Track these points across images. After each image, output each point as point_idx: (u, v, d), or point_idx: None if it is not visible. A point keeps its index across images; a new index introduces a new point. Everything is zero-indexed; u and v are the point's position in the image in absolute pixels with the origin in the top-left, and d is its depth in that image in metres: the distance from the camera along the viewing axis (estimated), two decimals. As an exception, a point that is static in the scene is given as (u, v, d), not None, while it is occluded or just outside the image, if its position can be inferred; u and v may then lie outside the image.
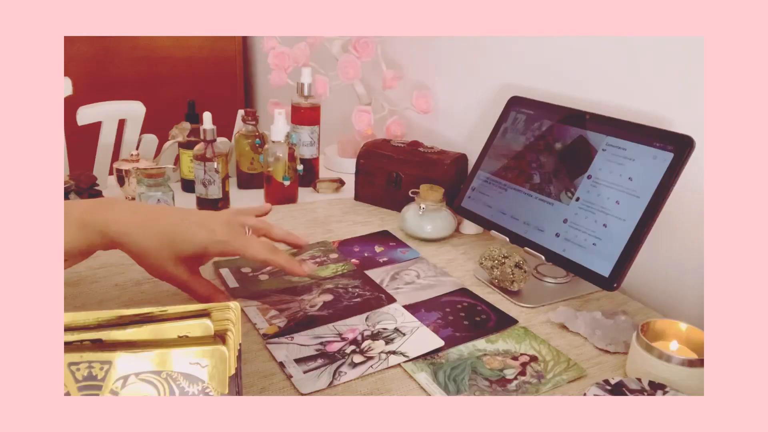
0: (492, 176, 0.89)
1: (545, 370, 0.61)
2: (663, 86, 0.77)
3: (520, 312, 0.72)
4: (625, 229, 0.69)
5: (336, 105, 1.34)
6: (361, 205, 1.06)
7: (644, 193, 0.69)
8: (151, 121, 1.17)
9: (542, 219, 0.79)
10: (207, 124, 0.95)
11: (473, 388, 0.58)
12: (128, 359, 0.38)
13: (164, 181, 0.89)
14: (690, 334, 0.60)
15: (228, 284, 0.75)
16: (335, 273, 0.79)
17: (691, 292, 0.77)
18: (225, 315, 0.42)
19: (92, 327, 0.39)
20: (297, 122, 1.11)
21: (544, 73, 0.95)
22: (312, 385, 0.57)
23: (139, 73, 1.87)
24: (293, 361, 0.60)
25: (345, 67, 1.16)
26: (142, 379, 0.38)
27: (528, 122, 0.87)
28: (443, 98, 1.18)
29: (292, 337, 0.64)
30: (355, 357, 0.61)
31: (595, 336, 0.66)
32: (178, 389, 0.39)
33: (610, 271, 0.69)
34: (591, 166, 0.76)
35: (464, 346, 0.64)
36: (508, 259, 0.75)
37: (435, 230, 0.90)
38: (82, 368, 0.37)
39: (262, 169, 1.04)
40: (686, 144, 0.68)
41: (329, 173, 1.23)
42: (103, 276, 0.74)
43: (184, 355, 0.39)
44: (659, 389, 0.53)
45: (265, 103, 1.57)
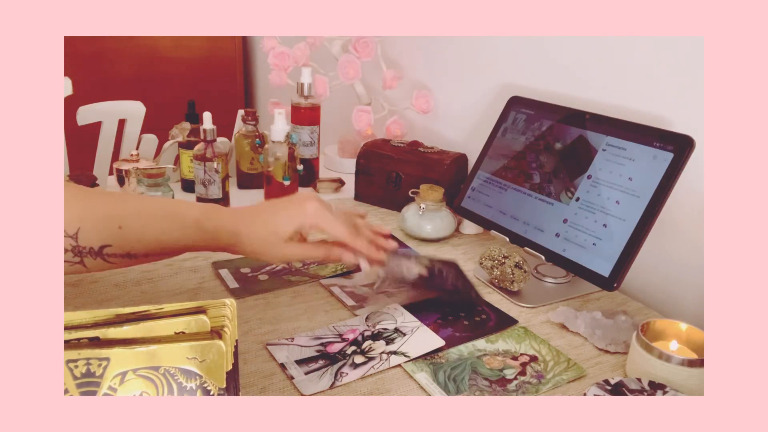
0: (492, 176, 0.89)
1: (545, 370, 0.61)
2: (663, 86, 0.77)
3: (520, 312, 0.72)
4: (625, 229, 0.69)
5: (336, 105, 1.34)
6: (361, 205, 1.06)
7: (644, 193, 0.69)
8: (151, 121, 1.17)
9: (542, 219, 0.79)
10: (207, 124, 0.95)
11: (473, 388, 0.58)
12: (126, 355, 0.38)
13: (164, 181, 0.89)
14: (690, 334, 0.60)
15: (228, 284, 0.75)
16: (335, 272, 0.79)
17: (691, 292, 0.77)
18: (221, 312, 0.42)
19: (89, 325, 0.39)
20: (297, 122, 1.11)
21: (544, 73, 0.95)
22: (314, 387, 0.56)
23: (139, 73, 1.87)
24: (294, 362, 0.60)
25: (345, 67, 1.16)
26: (140, 375, 0.39)
27: (528, 122, 0.87)
28: (443, 98, 1.18)
29: (292, 339, 0.64)
30: (356, 358, 0.61)
31: (595, 336, 0.66)
32: (176, 384, 0.39)
33: (610, 271, 0.69)
34: (591, 166, 0.76)
35: (464, 346, 0.64)
36: (508, 259, 0.75)
37: (435, 230, 0.90)
38: (80, 365, 0.37)
39: (262, 169, 1.04)
40: (686, 144, 0.68)
41: (329, 173, 1.23)
42: (103, 276, 0.75)
43: (181, 350, 0.39)
44: (659, 389, 0.53)
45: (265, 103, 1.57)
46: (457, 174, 1.00)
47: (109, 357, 0.38)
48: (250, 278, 0.77)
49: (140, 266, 0.77)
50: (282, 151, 0.99)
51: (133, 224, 0.59)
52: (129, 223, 0.59)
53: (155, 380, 0.39)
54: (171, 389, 0.39)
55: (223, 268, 0.79)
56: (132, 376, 0.38)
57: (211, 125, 0.95)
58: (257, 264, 0.80)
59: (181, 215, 0.62)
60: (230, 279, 0.76)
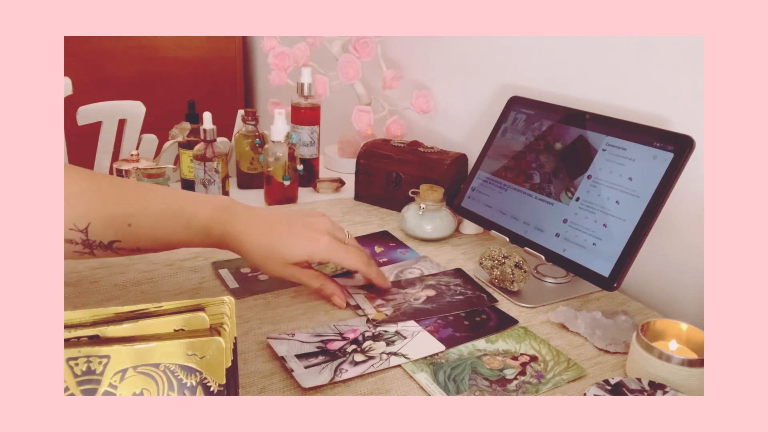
0: (492, 176, 0.89)
1: (545, 370, 0.61)
2: (663, 86, 0.77)
3: (520, 312, 0.72)
4: (625, 229, 0.69)
5: (336, 105, 1.34)
6: (361, 205, 1.06)
7: (644, 193, 0.69)
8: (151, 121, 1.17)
9: (542, 219, 0.79)
10: (207, 124, 0.95)
11: (473, 388, 0.58)
12: (126, 353, 0.38)
13: (164, 181, 0.89)
14: (690, 334, 0.60)
15: (228, 284, 0.75)
16: (335, 272, 0.79)
17: (691, 292, 0.77)
18: (220, 309, 0.43)
19: (89, 324, 0.40)
20: (297, 122, 1.11)
21: (544, 73, 0.95)
22: (313, 380, 0.57)
23: (139, 73, 1.87)
24: (294, 356, 0.60)
25: (345, 67, 1.16)
26: (140, 372, 0.39)
27: (528, 122, 0.87)
28: (443, 98, 1.18)
29: (293, 334, 0.64)
30: (357, 356, 0.61)
31: (595, 336, 0.66)
32: (176, 381, 0.39)
33: (610, 271, 0.69)
34: (591, 166, 0.76)
35: (464, 346, 0.64)
36: (508, 259, 0.75)
37: (435, 230, 0.90)
38: (80, 363, 0.38)
39: (262, 169, 1.04)
40: (686, 144, 0.68)
41: (329, 173, 1.23)
42: (103, 276, 0.75)
43: (180, 347, 0.39)
44: (659, 389, 0.53)
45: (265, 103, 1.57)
46: (457, 174, 1.00)
47: (109, 355, 0.38)
48: (250, 278, 0.77)
49: (140, 266, 0.77)
50: (282, 151, 0.99)
51: (143, 222, 0.59)
52: (138, 221, 0.59)
53: (155, 377, 0.39)
54: (171, 386, 0.39)
55: (223, 268, 0.79)
56: (132, 373, 0.38)
57: (211, 125, 0.95)
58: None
59: (189, 218, 0.62)
60: (230, 279, 0.76)
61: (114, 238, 0.58)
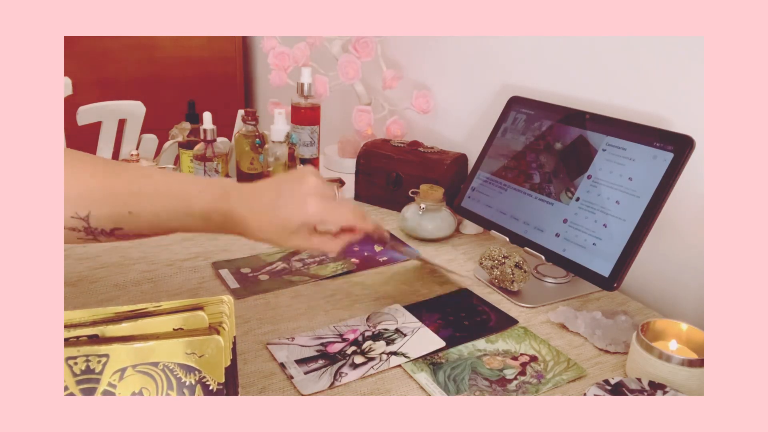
0: (492, 176, 0.89)
1: (545, 370, 0.61)
2: (663, 86, 0.77)
3: (520, 312, 0.72)
4: (625, 229, 0.69)
5: (336, 105, 1.34)
6: (361, 205, 1.06)
7: (644, 193, 0.69)
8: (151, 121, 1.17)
9: (542, 219, 0.79)
10: (207, 124, 0.95)
11: (473, 388, 0.58)
12: (125, 352, 0.38)
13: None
14: (690, 334, 0.60)
15: (228, 284, 0.75)
16: (335, 272, 0.79)
17: (691, 292, 0.77)
18: (219, 308, 0.43)
19: (88, 323, 0.40)
20: (297, 122, 1.11)
21: (544, 73, 0.95)
22: (313, 386, 0.57)
23: (139, 73, 1.87)
24: (294, 362, 0.60)
25: (345, 67, 1.16)
26: (139, 371, 0.39)
27: (528, 122, 0.87)
28: (443, 98, 1.18)
29: (293, 338, 0.64)
30: (356, 358, 0.61)
31: (595, 336, 0.66)
32: (175, 380, 0.39)
33: (610, 271, 0.69)
34: (591, 166, 0.76)
35: (464, 346, 0.64)
36: (508, 259, 0.75)
37: (435, 230, 0.90)
38: (79, 362, 0.37)
39: (262, 169, 1.04)
40: (686, 144, 0.68)
41: (329, 173, 1.23)
42: (103, 276, 0.75)
43: (179, 346, 0.39)
44: (659, 389, 0.53)
45: (265, 103, 1.57)
46: (457, 174, 1.00)
47: (108, 354, 0.38)
48: (250, 278, 0.77)
49: (140, 266, 0.77)
50: (282, 151, 0.99)
51: (144, 210, 0.60)
52: (139, 209, 0.60)
53: (154, 376, 0.39)
54: (170, 385, 0.39)
55: (223, 268, 0.79)
56: (131, 372, 0.38)
57: (211, 125, 0.95)
58: (257, 264, 0.80)
59: (190, 204, 0.61)
60: (230, 279, 0.76)
61: (115, 225, 0.59)
